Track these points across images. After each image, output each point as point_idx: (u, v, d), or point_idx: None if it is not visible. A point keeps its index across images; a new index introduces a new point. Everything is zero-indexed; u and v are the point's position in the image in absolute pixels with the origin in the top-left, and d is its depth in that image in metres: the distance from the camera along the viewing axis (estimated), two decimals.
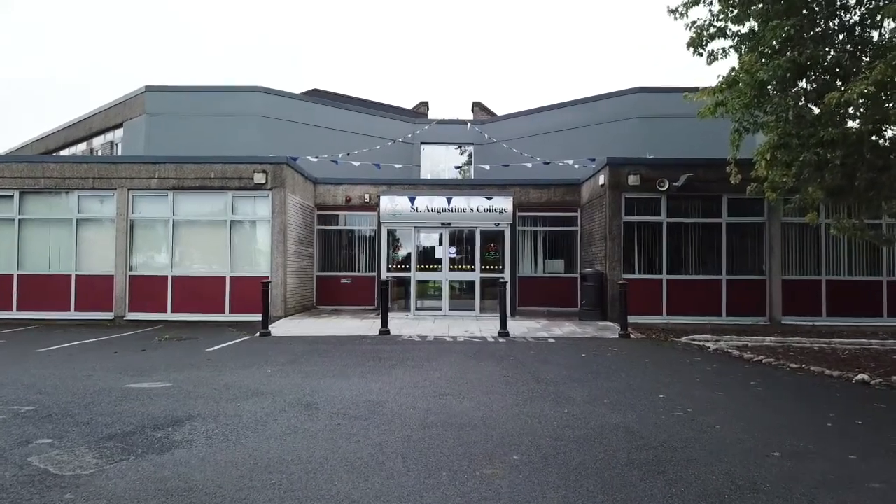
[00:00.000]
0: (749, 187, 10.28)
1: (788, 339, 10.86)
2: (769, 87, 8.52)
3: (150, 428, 4.82)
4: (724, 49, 9.35)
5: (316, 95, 22.33)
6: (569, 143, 20.32)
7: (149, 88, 19.80)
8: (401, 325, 12.63)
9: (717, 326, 13.27)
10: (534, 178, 16.84)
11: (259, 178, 13.68)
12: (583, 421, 5.05)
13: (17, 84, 66.25)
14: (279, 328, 12.17)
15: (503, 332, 11.37)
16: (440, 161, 24.08)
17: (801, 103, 8.46)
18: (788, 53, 8.30)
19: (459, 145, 23.83)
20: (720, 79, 8.81)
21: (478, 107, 26.06)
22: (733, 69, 9.14)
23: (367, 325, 12.43)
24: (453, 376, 7.10)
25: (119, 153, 21.52)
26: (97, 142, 22.90)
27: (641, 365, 8.17)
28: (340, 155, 16.50)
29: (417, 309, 14.59)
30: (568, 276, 16.70)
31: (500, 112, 26.66)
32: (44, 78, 69.92)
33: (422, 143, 23.12)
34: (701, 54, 9.54)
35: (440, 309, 14.56)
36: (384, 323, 11.50)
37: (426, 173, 23.59)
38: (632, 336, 11.41)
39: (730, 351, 9.37)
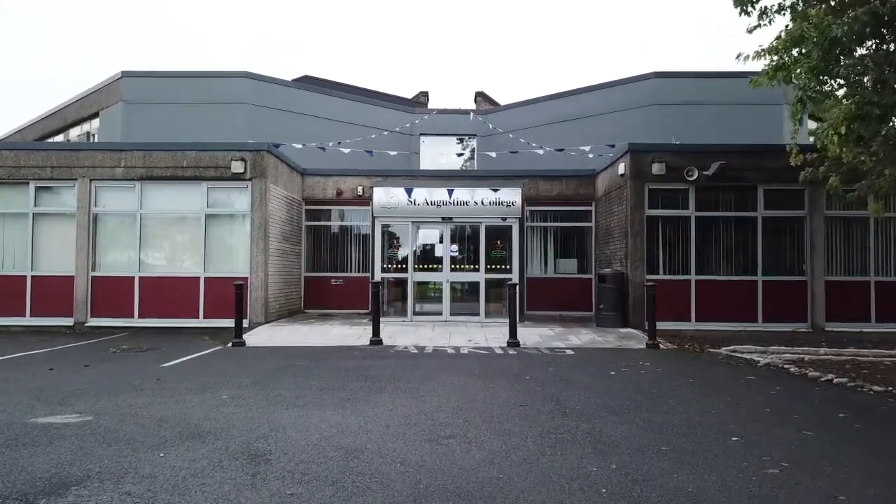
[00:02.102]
0: (803, 173, 8.78)
1: (846, 350, 9.33)
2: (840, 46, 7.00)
3: (14, 499, 3.30)
4: (779, 5, 7.83)
5: (307, 82, 20.81)
6: (580, 133, 18.74)
7: (125, 74, 18.29)
8: (396, 332, 11.13)
9: (753, 334, 11.74)
10: (543, 170, 15.30)
11: (237, 166, 12.16)
12: (644, 486, 3.53)
13: (17, 84, 64.61)
14: (256, 336, 10.66)
15: (513, 341, 9.85)
16: (441, 153, 22.55)
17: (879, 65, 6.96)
18: (860, 8, 6.80)
19: (461, 139, 22.31)
20: (783, 36, 7.25)
21: (481, 97, 24.53)
22: (779, 36, 7.64)
23: (356, 333, 10.91)
24: (456, 406, 5.58)
25: None
26: (74, 133, 21.39)
27: (687, 387, 6.65)
28: (331, 144, 14.99)
29: (416, 313, 13.07)
30: (581, 276, 15.17)
31: (505, 101, 25.13)
32: (44, 78, 68.25)
33: (421, 134, 21.58)
34: (748, 13, 8.03)
35: (440, 313, 13.03)
36: (376, 331, 9.99)
37: (426, 166, 22.04)
38: (661, 346, 9.89)
39: (786, 367, 7.84)
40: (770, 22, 8.78)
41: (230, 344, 9.90)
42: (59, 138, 22.16)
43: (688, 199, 12.22)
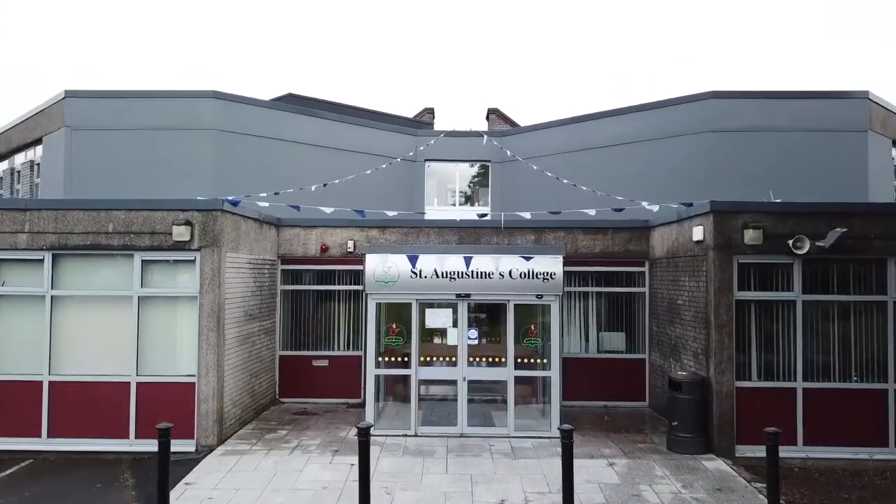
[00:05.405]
0: None
1: None
2: None
3: None
4: None
5: (291, 102, 17.62)
6: (617, 164, 15.62)
7: (69, 94, 15.12)
8: (393, 474, 7.94)
9: (883, 464, 8.59)
10: (584, 221, 12.04)
11: (180, 233, 8.97)
12: None
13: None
14: (195, 489, 7.45)
15: None
16: (448, 182, 19.44)
17: None
18: None
19: (472, 164, 19.15)
20: None
21: (494, 114, 21.36)
22: None
23: (339, 482, 7.66)
24: None
25: (38, 177, 16.89)
26: (18, 160, 18.30)
27: None
28: (313, 187, 11.79)
29: (422, 421, 9.89)
30: (631, 356, 12.00)
31: (521, 122, 21.95)
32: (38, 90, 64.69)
33: (426, 160, 18.44)
34: None
35: (455, 423, 9.82)
36: (364, 498, 6.75)
37: (431, 198, 18.93)
38: None
39: None
40: None
41: None
42: (4, 165, 19.07)
43: (791, 277, 9.01)
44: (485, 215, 12.10)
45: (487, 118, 21.43)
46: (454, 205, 19.48)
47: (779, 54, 66.20)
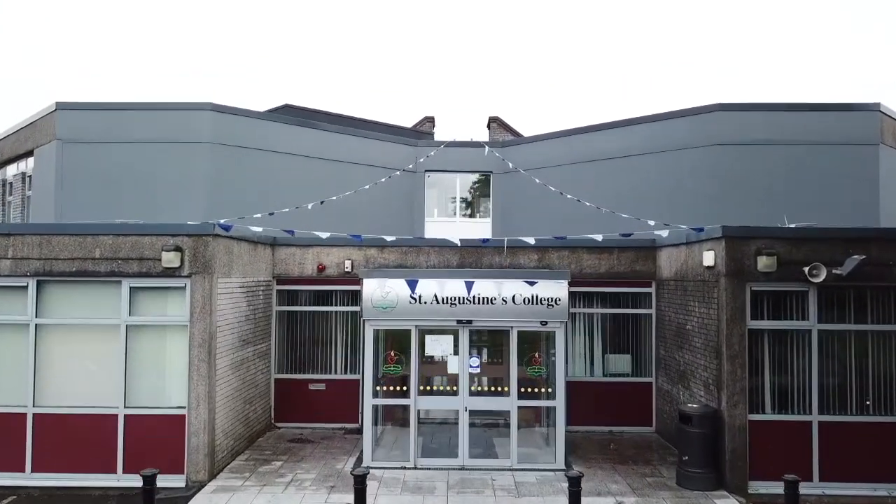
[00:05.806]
0: None
1: None
2: None
3: None
4: None
5: (287, 112, 17.24)
6: (623, 177, 15.21)
7: (60, 106, 14.73)
8: None
9: None
10: (587, 239, 11.65)
11: (170, 259, 8.61)
12: None
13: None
14: None
15: None
16: (449, 192, 19.06)
17: None
18: None
19: (474, 173, 18.77)
20: None
21: (495, 123, 20.95)
22: None
23: None
24: None
25: (30, 191, 16.54)
26: (10, 171, 17.93)
27: None
28: (310, 205, 11.43)
29: (421, 452, 9.52)
30: (637, 380, 11.64)
31: (523, 130, 21.59)
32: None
33: (426, 171, 18.06)
34: None
35: (455, 455, 9.45)
36: None
37: (431, 209, 18.55)
38: None
39: None
40: None
41: None
42: None
43: (806, 305, 8.64)
44: (486, 240, 11.65)
45: (489, 127, 21.03)
46: (454, 214, 19.13)
47: (778, 56, 65.70)
